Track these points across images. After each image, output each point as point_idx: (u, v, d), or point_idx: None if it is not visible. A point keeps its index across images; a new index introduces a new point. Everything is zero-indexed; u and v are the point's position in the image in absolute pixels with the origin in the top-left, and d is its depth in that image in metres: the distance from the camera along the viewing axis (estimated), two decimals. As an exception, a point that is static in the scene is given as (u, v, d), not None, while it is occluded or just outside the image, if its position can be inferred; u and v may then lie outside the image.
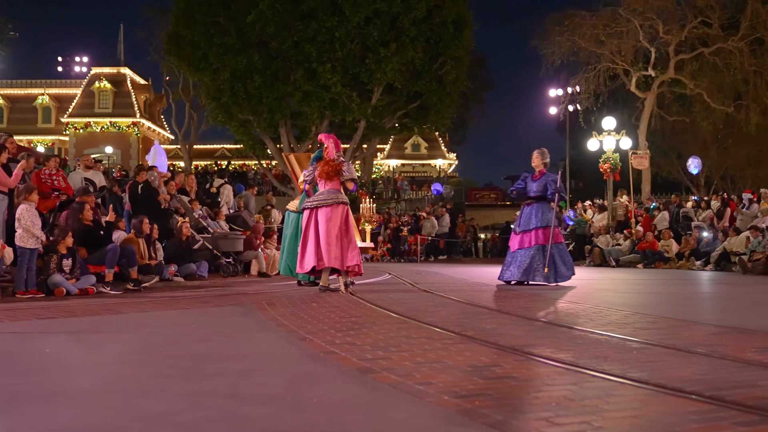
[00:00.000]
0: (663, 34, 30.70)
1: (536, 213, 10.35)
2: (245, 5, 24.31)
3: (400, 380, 3.46)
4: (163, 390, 3.30)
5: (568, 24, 31.54)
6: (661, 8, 30.40)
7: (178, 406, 2.98)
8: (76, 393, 3.29)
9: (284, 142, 27.66)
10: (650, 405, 3.02)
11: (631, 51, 31.81)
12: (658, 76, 31.58)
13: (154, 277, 10.74)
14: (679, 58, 31.25)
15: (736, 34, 29.99)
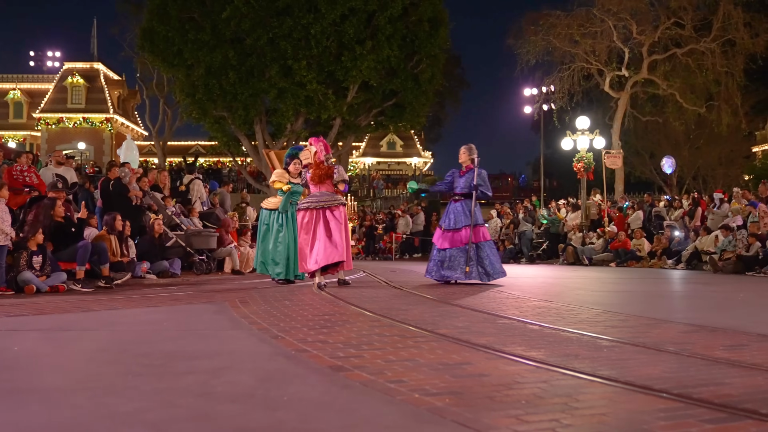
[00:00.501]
0: (636, 35, 30.96)
1: (465, 210, 10.12)
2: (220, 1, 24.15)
3: (372, 378, 3.46)
4: (133, 388, 3.28)
5: (542, 24, 31.72)
6: (634, 9, 30.65)
7: (148, 405, 2.97)
8: (45, 391, 3.26)
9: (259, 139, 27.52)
10: (619, 403, 3.05)
11: (605, 51, 32.05)
12: (631, 76, 31.84)
13: (126, 274, 10.66)
14: (652, 59, 31.53)
15: (708, 35, 30.32)
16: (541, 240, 21.97)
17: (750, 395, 3.15)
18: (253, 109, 26.03)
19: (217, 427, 2.65)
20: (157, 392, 3.19)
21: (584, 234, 20.71)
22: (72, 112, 45.34)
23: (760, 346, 4.61)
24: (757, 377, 3.58)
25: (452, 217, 10.18)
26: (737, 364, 3.94)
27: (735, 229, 15.98)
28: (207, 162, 45.52)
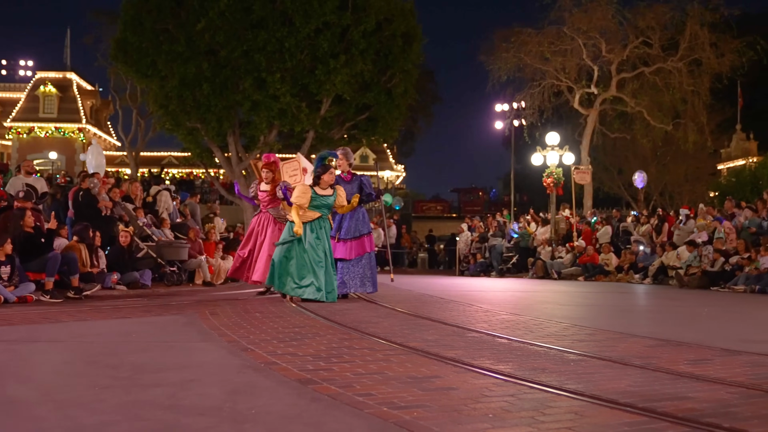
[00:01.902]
0: (605, 53, 31.28)
1: (363, 218, 9.80)
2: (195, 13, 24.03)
3: (340, 391, 3.45)
4: (99, 401, 3.24)
5: (514, 41, 31.93)
6: (603, 28, 30.97)
7: (114, 418, 2.93)
8: (9, 403, 3.20)
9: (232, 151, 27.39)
10: (585, 416, 3.06)
11: (575, 69, 32.33)
12: (600, 93, 32.15)
13: (95, 285, 10.52)
14: (621, 77, 31.88)
15: (675, 54, 30.72)
16: (511, 254, 22.07)
17: (713, 409, 3.18)
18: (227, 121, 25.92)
19: (183, 440, 2.62)
20: (124, 405, 3.15)
21: (553, 248, 20.83)
22: (44, 121, 44.80)
23: (723, 360, 4.66)
24: (720, 391, 3.62)
25: (350, 225, 9.76)
26: (701, 378, 3.97)
27: (700, 244, 16.16)
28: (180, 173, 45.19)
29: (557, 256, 20.27)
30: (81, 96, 45.92)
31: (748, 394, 3.58)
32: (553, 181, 22.48)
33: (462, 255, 24.05)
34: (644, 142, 33.96)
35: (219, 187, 30.22)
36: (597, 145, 34.68)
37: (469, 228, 24.60)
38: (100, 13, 43.82)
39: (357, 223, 9.77)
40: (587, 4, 30.64)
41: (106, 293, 10.76)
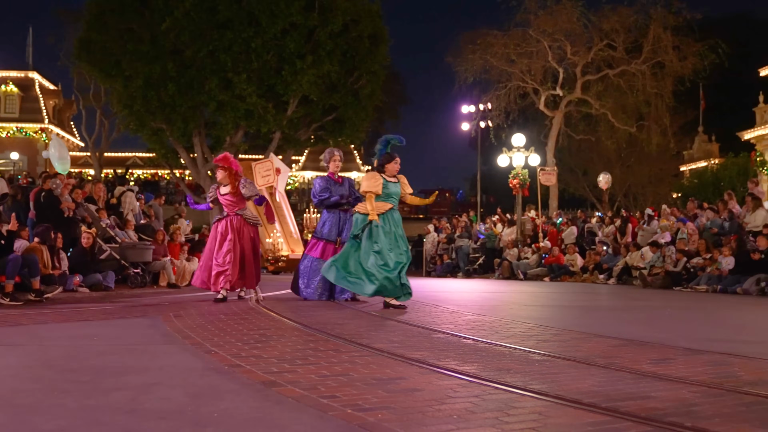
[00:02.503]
0: (570, 56, 31.56)
1: (350, 221, 9.35)
2: (160, 12, 23.83)
3: (305, 393, 3.42)
4: (58, 405, 3.17)
5: (480, 43, 32.08)
6: (569, 30, 31.24)
7: (73, 423, 2.87)
8: (-36, 409, 3.12)
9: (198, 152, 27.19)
10: (549, 417, 3.06)
11: (541, 71, 32.58)
12: (565, 95, 32.43)
13: (57, 287, 10.35)
14: (586, 79, 32.19)
15: (639, 57, 31.08)
16: (478, 255, 22.15)
17: (675, 408, 3.20)
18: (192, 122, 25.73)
19: (143, 445, 2.58)
20: (84, 409, 3.10)
21: (519, 249, 20.94)
22: (5, 121, 44.05)
23: (685, 360, 4.70)
24: (682, 390, 3.65)
25: (348, 227, 9.40)
26: (663, 377, 4.00)
27: (663, 245, 16.34)
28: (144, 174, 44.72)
29: (523, 257, 20.39)
30: (43, 96, 45.23)
31: (709, 392, 3.61)
32: (519, 183, 22.59)
33: (429, 256, 24.09)
34: (609, 143, 34.32)
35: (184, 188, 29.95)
36: (562, 146, 34.99)
37: (436, 229, 24.65)
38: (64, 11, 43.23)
39: (348, 226, 9.47)
40: (552, 7, 30.89)
41: (68, 296, 10.59)
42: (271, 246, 20.12)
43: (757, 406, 3.30)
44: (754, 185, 17.27)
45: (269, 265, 20.07)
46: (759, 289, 13.04)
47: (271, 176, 21.28)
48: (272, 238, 20.31)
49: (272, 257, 20.05)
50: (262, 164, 21.69)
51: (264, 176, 21.16)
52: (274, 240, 20.25)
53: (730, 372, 4.25)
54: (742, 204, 16.62)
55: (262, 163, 21.77)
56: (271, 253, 20.04)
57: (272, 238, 20.31)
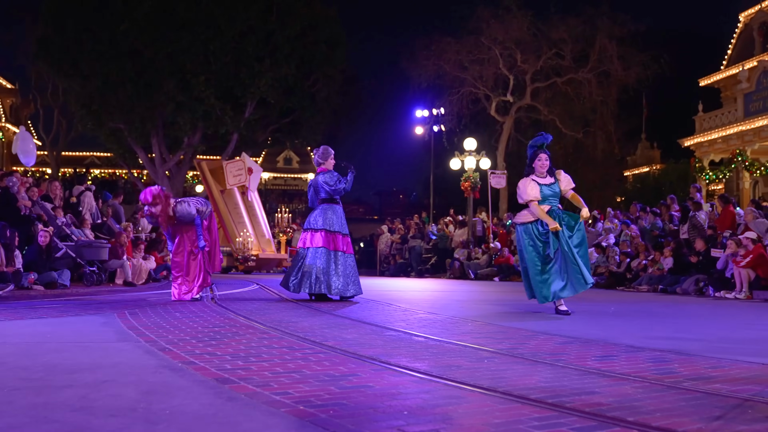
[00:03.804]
0: (521, 63, 31.84)
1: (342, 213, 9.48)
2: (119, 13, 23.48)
3: (257, 390, 3.36)
4: (7, 403, 3.06)
5: (434, 49, 32.20)
6: (519, 39, 31.51)
7: (21, 420, 2.77)
8: None
9: (156, 152, 26.86)
10: (497, 412, 3.05)
11: (492, 77, 32.81)
12: (515, 102, 32.71)
13: (9, 285, 10.09)
14: (535, 86, 32.51)
15: (585, 66, 31.51)
16: (430, 255, 22.21)
17: (619, 403, 3.22)
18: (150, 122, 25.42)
19: (93, 442, 2.50)
20: (33, 407, 2.99)
21: (470, 250, 21.05)
22: (-39, 119, 43.00)
23: (628, 357, 4.74)
24: (625, 386, 3.67)
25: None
26: (607, 374, 4.03)
27: (608, 246, 16.57)
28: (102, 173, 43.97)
29: (473, 258, 20.50)
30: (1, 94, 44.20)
31: (651, 388, 3.64)
32: (471, 185, 22.74)
33: (383, 256, 24.10)
34: (556, 149, 34.68)
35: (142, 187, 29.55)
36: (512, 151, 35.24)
37: (390, 229, 24.67)
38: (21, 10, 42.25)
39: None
40: (504, 16, 31.12)
41: (22, 293, 10.34)
42: (241, 245, 19.88)
43: (696, 401, 3.34)
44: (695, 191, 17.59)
45: (239, 264, 19.83)
46: (697, 289, 13.29)
47: (242, 175, 21.15)
48: (242, 237, 20.07)
49: (242, 256, 19.80)
50: (233, 163, 21.52)
51: (236, 175, 21.01)
52: (245, 239, 20.02)
53: (670, 368, 4.29)
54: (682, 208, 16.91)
55: (234, 163, 21.60)
56: (241, 252, 19.80)
57: (242, 237, 20.07)
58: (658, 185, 33.75)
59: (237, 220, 20.69)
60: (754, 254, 12.27)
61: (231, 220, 20.61)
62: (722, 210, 15.33)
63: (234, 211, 20.81)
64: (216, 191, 20.82)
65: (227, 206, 20.79)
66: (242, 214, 20.89)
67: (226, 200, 20.86)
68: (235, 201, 20.96)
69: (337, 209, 9.32)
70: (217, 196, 20.76)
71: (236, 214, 20.80)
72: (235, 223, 20.61)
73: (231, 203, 20.89)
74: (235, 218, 20.71)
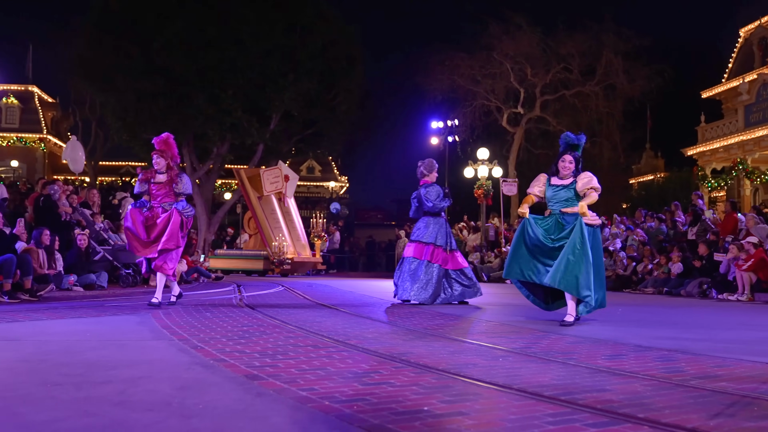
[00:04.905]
0: (530, 77, 31.73)
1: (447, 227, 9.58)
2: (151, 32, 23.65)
3: (285, 386, 3.36)
4: (50, 398, 3.08)
5: (448, 64, 32.17)
6: (529, 54, 31.39)
7: (64, 414, 2.78)
8: (-40, 401, 3.02)
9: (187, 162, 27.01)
10: (513, 408, 3.03)
11: (503, 90, 32.72)
12: (525, 113, 32.59)
13: (49, 285, 10.17)
14: (544, 99, 32.38)
15: (592, 79, 31.35)
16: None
17: (629, 400, 3.19)
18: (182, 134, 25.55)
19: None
20: (75, 401, 3.00)
21: (483, 253, 20.97)
22: (6, 131, 43.48)
23: (636, 355, 4.69)
24: (634, 384, 3.63)
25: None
26: (617, 372, 3.99)
27: (614, 250, 16.46)
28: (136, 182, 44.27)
29: (486, 261, 20.42)
30: (42, 108, 44.70)
31: (659, 386, 3.60)
32: (483, 193, 22.66)
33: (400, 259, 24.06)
34: (564, 158, 34.52)
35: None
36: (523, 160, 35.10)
37: (407, 234, 24.63)
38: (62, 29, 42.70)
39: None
40: (514, 32, 31.04)
41: (63, 294, 10.42)
42: (276, 249, 19.85)
43: (703, 399, 3.30)
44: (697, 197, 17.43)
45: (275, 267, 19.81)
46: (701, 291, 13.16)
47: (279, 182, 21.23)
48: (278, 241, 20.07)
49: (277, 260, 19.77)
50: (270, 171, 21.60)
51: (273, 182, 21.10)
52: (280, 243, 20.00)
53: (678, 367, 4.25)
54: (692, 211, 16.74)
55: (271, 170, 21.68)
56: (277, 256, 19.78)
57: (278, 241, 20.07)
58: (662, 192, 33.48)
59: (273, 225, 20.71)
60: (756, 258, 12.15)
61: (268, 225, 20.65)
62: (726, 216, 15.18)
63: (271, 217, 20.86)
64: (254, 197, 20.91)
65: (264, 212, 20.86)
66: (279, 219, 20.92)
67: (263, 206, 20.92)
68: (271, 207, 21.00)
69: (440, 221, 9.40)
70: (255, 202, 20.85)
71: (273, 220, 20.83)
72: (271, 228, 20.63)
73: (268, 209, 20.93)
74: (271, 223, 20.74)
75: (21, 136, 43.59)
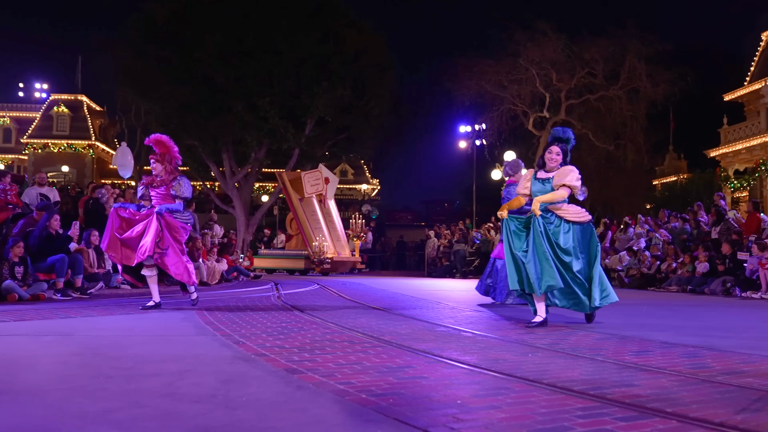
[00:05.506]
0: (556, 82, 31.50)
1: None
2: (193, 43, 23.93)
3: (323, 380, 3.37)
4: (103, 389, 3.13)
5: (475, 70, 32.06)
6: (554, 60, 31.18)
7: (116, 405, 2.83)
8: (19, 392, 3.08)
9: (226, 166, 27.27)
10: (543, 402, 3.01)
11: (529, 95, 32.52)
12: (551, 117, 32.35)
13: (99, 283, 10.33)
14: (569, 103, 32.12)
15: (616, 83, 31.02)
16: (473, 258, 22.05)
17: (657, 395, 3.15)
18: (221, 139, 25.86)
19: (180, 425, 2.53)
20: (126, 393, 3.05)
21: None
22: (57, 138, 44.35)
23: (663, 352, 4.63)
24: (661, 379, 3.59)
25: None
26: (644, 368, 3.94)
27: (639, 250, 16.26)
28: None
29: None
30: (91, 115, 45.51)
31: (686, 381, 3.55)
32: (510, 194, 22.53)
33: (430, 258, 24.03)
34: (589, 160, 34.18)
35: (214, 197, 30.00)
36: (548, 162, 34.83)
37: (436, 234, 24.60)
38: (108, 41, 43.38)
39: None
40: (540, 39, 30.84)
41: (112, 292, 10.58)
42: (317, 249, 19.95)
43: (730, 394, 3.24)
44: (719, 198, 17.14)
45: (316, 266, 19.90)
46: (724, 289, 12.95)
47: (320, 185, 21.36)
48: (318, 241, 20.16)
49: (317, 259, 19.86)
50: (311, 174, 21.74)
51: (313, 185, 21.24)
52: (320, 243, 20.09)
53: (704, 363, 4.18)
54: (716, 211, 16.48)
55: (312, 173, 21.82)
56: (317, 255, 19.86)
57: (318, 241, 20.16)
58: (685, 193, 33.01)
59: (314, 226, 20.81)
60: (779, 257, 11.91)
61: (308, 225, 20.76)
62: (749, 215, 14.91)
63: (311, 218, 20.97)
64: (295, 199, 21.06)
65: (305, 213, 20.99)
66: (319, 220, 21.02)
67: (304, 208, 21.05)
68: (312, 208, 21.11)
69: None
70: (296, 204, 21.00)
71: (313, 221, 20.94)
72: (312, 228, 20.74)
73: (309, 210, 21.05)
74: (312, 224, 20.84)
75: (71, 142, 44.43)
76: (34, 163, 43.64)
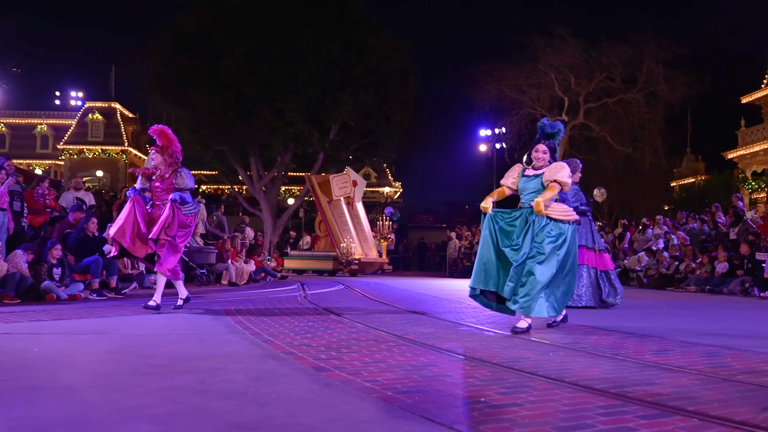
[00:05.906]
0: (574, 86, 31.29)
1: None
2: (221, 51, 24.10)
3: (350, 378, 3.38)
4: (138, 386, 3.17)
5: (495, 75, 31.96)
6: (572, 64, 30.98)
7: (151, 401, 2.86)
8: (58, 388, 3.13)
9: (253, 170, 27.42)
10: (565, 399, 2.99)
11: (548, 99, 32.35)
12: (570, 121, 32.13)
13: (132, 284, 10.44)
14: (588, 107, 31.89)
15: (634, 87, 30.74)
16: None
17: (677, 394, 3.11)
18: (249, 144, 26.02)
19: (213, 420, 2.55)
20: (160, 389, 3.08)
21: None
22: (92, 144, 44.96)
23: (682, 351, 4.58)
24: (682, 378, 3.55)
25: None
26: (664, 367, 3.90)
27: (657, 250, 16.09)
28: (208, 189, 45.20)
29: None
30: (124, 122, 46.08)
31: (706, 380, 3.51)
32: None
33: (451, 259, 23.97)
34: (607, 162, 33.94)
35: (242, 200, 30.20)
36: (567, 165, 34.61)
37: (457, 236, 24.53)
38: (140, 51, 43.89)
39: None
40: (558, 44, 30.66)
41: (144, 292, 10.65)
42: (345, 250, 19.98)
43: (750, 393, 3.20)
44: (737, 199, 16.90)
45: (344, 267, 19.92)
46: (743, 289, 12.76)
47: (347, 187, 21.41)
48: (346, 242, 20.20)
49: (345, 260, 19.88)
50: (339, 177, 21.80)
51: (341, 187, 21.29)
52: (348, 245, 20.12)
53: (724, 362, 4.13)
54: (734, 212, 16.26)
55: (340, 176, 21.88)
56: (345, 256, 19.89)
57: (346, 242, 20.20)
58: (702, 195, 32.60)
59: (342, 228, 20.84)
60: (798, 257, 11.71)
61: (337, 227, 20.80)
62: (767, 216, 14.70)
63: (339, 220, 21.01)
64: (324, 202, 21.13)
65: (333, 215, 21.04)
66: (347, 222, 21.04)
67: (332, 210, 21.10)
68: (340, 210, 21.16)
69: (583, 221, 8.64)
70: (325, 206, 21.07)
71: (341, 222, 20.97)
72: (340, 230, 20.77)
73: (337, 212, 21.09)
74: (340, 226, 20.88)
75: (105, 148, 45.02)
76: (70, 168, 44.24)
